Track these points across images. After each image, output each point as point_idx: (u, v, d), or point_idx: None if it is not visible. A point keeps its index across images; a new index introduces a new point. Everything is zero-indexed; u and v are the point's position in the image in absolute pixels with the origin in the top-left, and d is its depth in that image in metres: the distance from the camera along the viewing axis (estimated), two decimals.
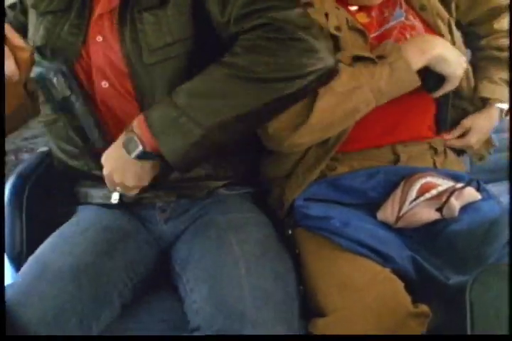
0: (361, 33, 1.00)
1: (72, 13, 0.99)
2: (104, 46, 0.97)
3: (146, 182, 0.93)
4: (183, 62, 0.95)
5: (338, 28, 0.98)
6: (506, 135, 1.31)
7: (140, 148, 0.86)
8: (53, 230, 1.00)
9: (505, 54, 1.12)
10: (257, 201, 1.09)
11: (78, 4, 0.99)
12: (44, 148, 1.22)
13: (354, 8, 1.03)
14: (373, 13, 1.03)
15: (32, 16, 1.05)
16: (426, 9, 1.04)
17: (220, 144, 0.88)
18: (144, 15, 0.95)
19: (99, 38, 0.97)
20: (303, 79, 0.85)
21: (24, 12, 1.08)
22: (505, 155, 1.33)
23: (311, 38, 0.86)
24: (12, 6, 1.10)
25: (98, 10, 0.97)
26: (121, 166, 0.90)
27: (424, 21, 1.04)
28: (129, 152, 0.88)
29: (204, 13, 0.94)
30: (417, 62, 0.93)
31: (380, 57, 0.94)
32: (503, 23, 1.14)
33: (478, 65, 1.12)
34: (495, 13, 1.14)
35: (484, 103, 1.10)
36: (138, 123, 0.87)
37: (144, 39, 0.94)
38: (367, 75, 0.92)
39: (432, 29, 1.04)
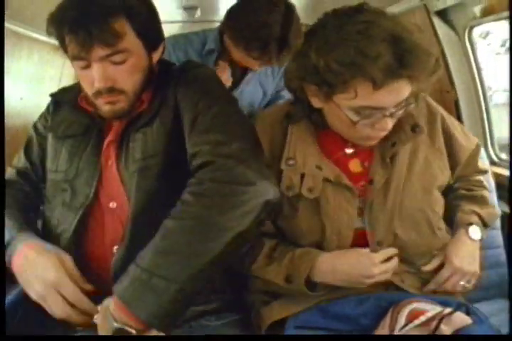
0: (348, 188, 1.04)
1: (93, 137, 1.09)
2: (113, 167, 1.06)
3: None
4: (160, 172, 1.02)
5: (310, 190, 1.04)
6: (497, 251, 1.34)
7: (114, 324, 0.85)
8: None
9: (474, 193, 1.19)
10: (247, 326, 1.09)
11: (96, 129, 1.10)
12: None
13: (350, 150, 1.09)
14: (366, 163, 1.08)
15: (51, 140, 1.15)
16: None
17: (198, 291, 0.88)
18: (137, 134, 1.05)
19: (109, 162, 1.07)
20: (251, 213, 0.90)
21: (41, 144, 1.17)
22: (495, 271, 1.33)
23: (251, 171, 0.93)
24: (29, 141, 1.20)
25: (109, 137, 1.08)
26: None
27: None
28: (108, 328, 0.86)
29: (181, 132, 1.03)
30: None
31: None
32: (469, 171, 1.22)
33: (451, 203, 1.17)
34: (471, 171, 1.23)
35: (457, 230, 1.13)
36: (111, 300, 0.87)
37: (132, 154, 1.04)
38: None
39: None
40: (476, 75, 1.90)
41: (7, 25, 1.98)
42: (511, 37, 1.30)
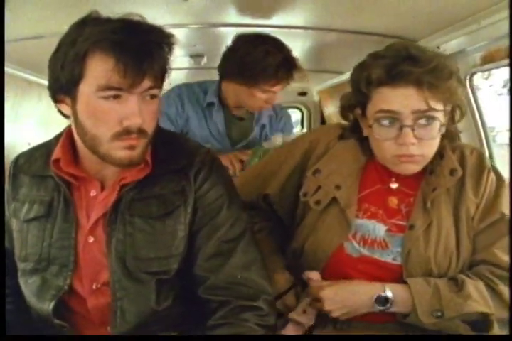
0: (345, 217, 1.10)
1: (58, 218, 0.98)
2: (95, 246, 0.98)
3: None
4: (170, 277, 0.97)
5: (317, 202, 1.11)
6: None
7: None
8: None
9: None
10: None
11: (60, 210, 0.98)
12: None
13: (395, 185, 1.12)
14: (403, 206, 1.11)
15: (15, 225, 1.03)
16: None
17: None
18: (136, 220, 0.96)
19: (91, 239, 0.98)
20: None
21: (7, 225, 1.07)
22: None
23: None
24: None
25: (97, 211, 0.97)
26: None
27: None
28: None
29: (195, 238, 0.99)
30: None
31: None
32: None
33: None
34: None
35: None
36: None
37: (130, 243, 0.95)
38: None
39: None
40: (478, 119, 1.92)
41: (18, 73, 2.04)
42: (511, 87, 1.31)
